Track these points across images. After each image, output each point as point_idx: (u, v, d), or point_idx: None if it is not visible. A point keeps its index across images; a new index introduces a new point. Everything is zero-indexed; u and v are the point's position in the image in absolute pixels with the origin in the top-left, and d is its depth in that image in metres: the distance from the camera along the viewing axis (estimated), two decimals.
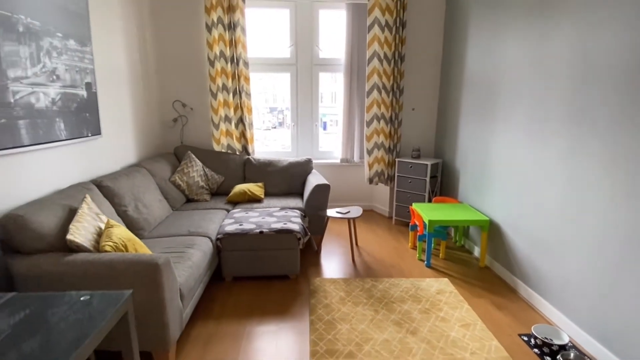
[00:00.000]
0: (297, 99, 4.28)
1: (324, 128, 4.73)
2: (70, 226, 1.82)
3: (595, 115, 1.93)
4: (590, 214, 1.97)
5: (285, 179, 3.72)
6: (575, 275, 2.09)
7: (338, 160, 4.37)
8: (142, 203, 2.68)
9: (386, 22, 3.76)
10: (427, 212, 3.08)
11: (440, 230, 3.15)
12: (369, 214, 4.38)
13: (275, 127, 4.79)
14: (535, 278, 2.45)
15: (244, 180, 3.76)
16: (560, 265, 2.20)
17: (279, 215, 2.98)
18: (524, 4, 2.52)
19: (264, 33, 4.17)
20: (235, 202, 3.44)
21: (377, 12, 3.73)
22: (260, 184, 3.64)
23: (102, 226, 2.00)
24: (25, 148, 1.97)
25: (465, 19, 3.42)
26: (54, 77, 2.20)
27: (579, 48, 2.04)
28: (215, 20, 3.63)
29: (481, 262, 3.04)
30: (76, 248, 1.77)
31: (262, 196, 3.48)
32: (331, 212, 3.23)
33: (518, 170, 2.61)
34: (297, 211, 3.13)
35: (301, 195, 3.69)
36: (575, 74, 2.06)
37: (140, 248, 1.96)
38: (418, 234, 3.19)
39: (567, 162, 2.13)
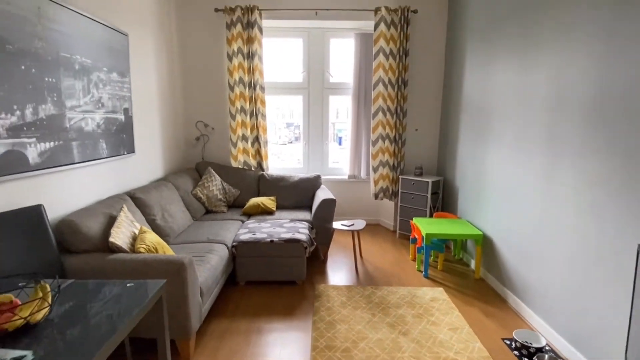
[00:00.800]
0: (309, 120, 4.64)
1: (340, 143, 5.06)
2: (111, 231, 2.17)
3: (566, 142, 2.18)
4: (563, 228, 2.20)
5: (296, 194, 4.03)
6: (553, 284, 2.30)
7: (346, 177, 4.67)
8: (168, 213, 3.04)
9: (390, 50, 4.10)
10: (425, 226, 3.33)
11: (438, 244, 3.38)
12: (375, 228, 4.63)
13: (291, 142, 5.13)
14: (521, 288, 2.65)
15: (258, 194, 4.10)
16: (541, 275, 2.41)
17: (289, 226, 3.28)
18: (509, 40, 2.81)
19: (280, 60, 4.58)
20: (249, 214, 3.77)
21: (382, 42, 4.08)
22: (272, 197, 3.97)
23: (136, 231, 2.35)
24: (76, 165, 2.36)
25: (463, 49, 3.72)
26: (100, 104, 2.60)
27: (553, 82, 2.31)
28: (235, 50, 4.05)
29: (476, 274, 3.25)
30: (116, 249, 2.11)
31: (274, 209, 3.81)
32: (336, 225, 3.51)
33: (507, 188, 2.85)
34: (306, 223, 3.43)
35: (310, 208, 3.99)
36: (549, 104, 2.33)
37: (168, 251, 2.30)
38: (417, 246, 3.43)
39: (544, 181, 2.37)
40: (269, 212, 3.77)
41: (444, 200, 4.21)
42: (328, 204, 3.50)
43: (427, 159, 4.51)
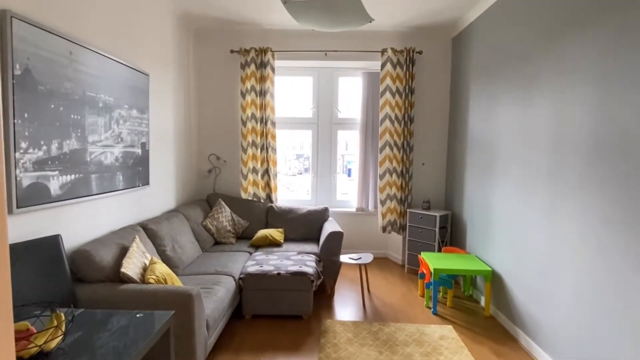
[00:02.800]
0: (318, 153, 4.76)
1: (349, 175, 5.14)
2: (123, 261, 2.23)
3: (568, 178, 2.21)
4: (569, 265, 2.18)
5: (304, 225, 4.07)
6: (562, 322, 2.25)
7: (354, 209, 4.70)
8: (178, 244, 3.10)
9: (397, 88, 4.26)
10: (433, 261, 3.31)
11: (446, 279, 3.34)
12: (383, 262, 4.60)
13: (300, 173, 5.23)
14: (532, 326, 2.59)
15: (267, 225, 4.15)
16: (550, 313, 2.36)
17: (296, 259, 3.30)
18: (511, 81, 2.92)
19: (290, 96, 4.78)
20: (257, 246, 3.80)
21: (388, 81, 4.25)
22: (280, 229, 4.01)
23: (147, 262, 2.40)
24: (94, 196, 2.47)
25: (467, 89, 3.85)
26: (119, 139, 2.75)
27: (553, 121, 2.38)
28: (248, 87, 4.26)
29: (486, 312, 3.18)
30: (127, 279, 2.16)
31: (282, 241, 3.84)
32: (344, 258, 3.51)
33: (513, 224, 2.86)
34: (313, 256, 3.44)
35: (317, 240, 4.01)
36: (550, 142, 2.38)
37: (177, 282, 2.34)
38: (426, 281, 3.39)
39: (548, 218, 2.38)
40: (277, 244, 3.80)
41: (452, 234, 4.19)
42: (335, 237, 3.52)
43: (434, 192, 4.54)
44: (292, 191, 5.11)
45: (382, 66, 4.27)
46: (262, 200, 4.42)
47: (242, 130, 4.30)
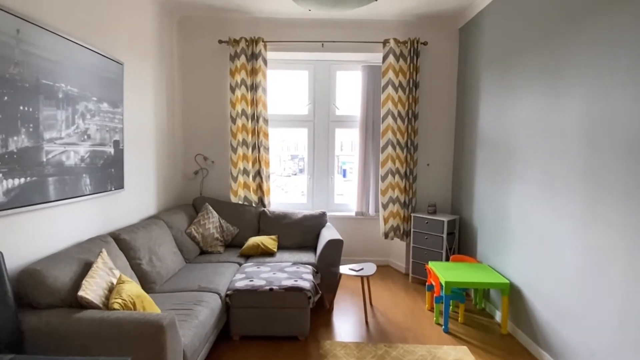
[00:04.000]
0: (314, 153, 4.41)
1: (344, 175, 4.79)
2: (83, 282, 1.86)
3: (609, 181, 1.89)
4: (613, 282, 1.85)
5: (299, 232, 3.72)
6: (601, 349, 1.92)
7: (353, 213, 4.36)
8: (157, 256, 2.72)
9: (400, 83, 3.93)
10: (443, 272, 2.97)
11: (458, 292, 3.01)
12: (385, 270, 4.26)
13: (295, 174, 4.89)
14: (560, 350, 2.26)
15: (259, 232, 3.79)
16: (585, 336, 2.03)
17: (291, 271, 2.94)
18: (531, 71, 2.60)
19: (284, 92, 4.42)
20: (248, 255, 3.44)
21: (390, 74, 3.91)
22: (274, 236, 3.65)
23: (115, 281, 2.03)
24: (52, 203, 2.09)
25: (476, 82, 3.53)
26: (85, 136, 2.38)
27: (586, 114, 2.05)
28: (238, 81, 3.90)
29: (503, 329, 2.85)
30: (87, 304, 1.79)
31: (275, 250, 3.48)
32: (344, 269, 3.16)
33: (536, 232, 2.53)
34: (309, 267, 3.09)
35: (314, 248, 3.66)
36: (584, 138, 2.06)
37: (149, 305, 1.97)
38: (435, 295, 3.06)
39: (582, 227, 2.05)
40: (270, 254, 3.44)
41: (460, 241, 3.86)
42: (334, 246, 3.17)
43: (440, 195, 4.21)
44: (287, 192, 4.75)
45: (384, 58, 3.93)
46: (253, 205, 4.06)
47: (231, 128, 3.94)
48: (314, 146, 4.41)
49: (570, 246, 2.19)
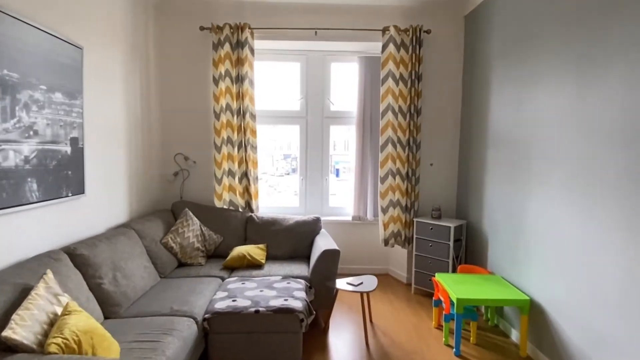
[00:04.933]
0: (307, 152, 4.04)
1: (337, 175, 4.42)
2: (13, 316, 1.46)
3: None
4: None
5: (291, 240, 3.34)
6: None
7: (350, 218, 3.99)
8: (123, 273, 2.33)
9: (401, 75, 3.57)
10: (453, 286, 2.62)
11: (471, 309, 2.66)
12: (385, 280, 3.90)
13: (288, 174, 4.52)
14: None
15: (245, 240, 3.40)
16: None
17: (280, 287, 2.57)
18: (562, 55, 2.25)
19: (274, 85, 4.04)
20: (232, 268, 3.05)
21: (390, 65, 3.55)
22: (262, 245, 3.27)
23: (60, 311, 1.64)
24: None
25: (486, 73, 3.19)
26: (31, 132, 1.97)
27: (628, 104, 1.71)
28: (222, 72, 3.50)
29: (521, 351, 2.51)
30: (16, 347, 1.40)
31: (263, 261, 3.09)
32: (341, 284, 2.79)
33: (562, 242, 2.19)
34: (302, 282, 2.72)
35: (308, 259, 3.29)
36: (626, 134, 1.72)
37: (100, 342, 1.57)
38: (444, 312, 2.71)
39: (626, 238, 1.71)
40: (257, 266, 3.06)
41: (468, 249, 3.52)
42: (330, 257, 2.80)
43: (444, 198, 3.87)
44: (280, 192, 4.36)
45: (384, 47, 3.57)
46: (240, 209, 3.67)
47: (214, 124, 3.54)
48: (306, 144, 4.04)
49: (610, 259, 1.85)
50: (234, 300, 2.34)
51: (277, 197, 4.29)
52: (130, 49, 3.05)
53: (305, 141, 4.03)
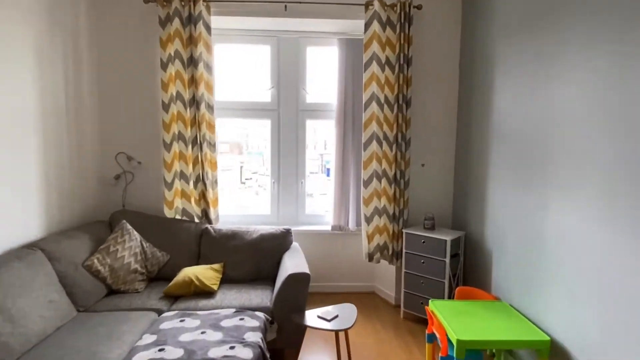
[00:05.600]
0: (280, 151, 3.44)
1: (327, 174, 3.83)
2: None
3: None
4: None
5: (254, 258, 2.74)
6: None
7: (329, 227, 3.41)
8: (8, 314, 1.71)
9: (387, 59, 2.99)
10: (452, 321, 2.06)
11: (476, 353, 2.10)
12: (370, 300, 3.33)
13: (256, 173, 3.92)
14: None
15: (198, 259, 2.79)
16: None
17: (230, 325, 1.97)
18: (593, 24, 1.70)
19: (239, 73, 3.44)
20: (176, 296, 2.44)
21: (375, 47, 2.98)
22: (217, 265, 2.66)
23: None
24: None
25: (490, 55, 2.63)
26: None
27: None
28: (172, 54, 2.89)
29: None
30: None
31: (216, 286, 2.48)
32: (311, 318, 2.20)
33: (595, 264, 1.64)
34: (261, 316, 2.12)
35: (274, 281, 2.69)
36: None
37: None
38: (440, 354, 2.14)
39: None
40: (207, 293, 2.45)
41: (466, 266, 2.97)
42: (297, 283, 2.22)
43: (439, 205, 3.31)
44: (254, 189, 3.74)
45: (367, 26, 2.99)
46: (196, 220, 3.06)
47: (163, 117, 2.93)
48: (278, 141, 3.44)
49: None
50: (161, 350, 1.74)
51: (242, 206, 3.66)
52: (47, 21, 2.41)
53: (278, 138, 3.44)
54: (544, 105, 2.04)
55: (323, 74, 3.47)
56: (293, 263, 2.42)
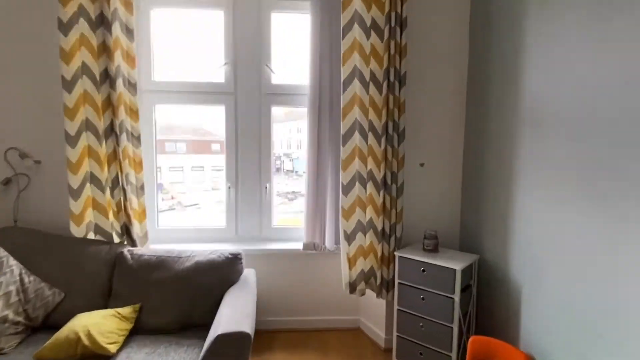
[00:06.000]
0: (237, 147, 2.64)
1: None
2: None
3: None
4: None
5: (185, 296, 1.94)
6: None
7: (300, 246, 2.61)
8: None
9: (373, 20, 2.21)
10: None
11: None
12: (353, 338, 2.55)
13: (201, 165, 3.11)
14: None
15: (109, 297, 1.99)
16: None
17: None
18: None
19: (183, 45, 2.64)
20: None
21: (357, 4, 2.19)
22: (130, 308, 1.87)
23: None
24: None
25: (513, 14, 1.86)
26: None
27: None
28: (74, 13, 2.08)
29: None
30: None
31: (116, 348, 1.67)
32: None
33: None
34: None
35: (209, 328, 1.89)
36: None
37: None
38: None
39: None
40: (104, 358, 1.65)
41: (480, 301, 2.20)
42: (230, 348, 1.43)
43: (443, 218, 2.53)
44: (206, 186, 2.94)
45: None
46: (115, 239, 2.26)
47: (65, 100, 2.12)
48: (235, 134, 2.64)
49: None
50: None
51: (185, 217, 2.86)
52: None
53: (235, 129, 2.64)
54: (605, 83, 1.27)
55: (293, 47, 2.68)
56: (231, 311, 1.63)
